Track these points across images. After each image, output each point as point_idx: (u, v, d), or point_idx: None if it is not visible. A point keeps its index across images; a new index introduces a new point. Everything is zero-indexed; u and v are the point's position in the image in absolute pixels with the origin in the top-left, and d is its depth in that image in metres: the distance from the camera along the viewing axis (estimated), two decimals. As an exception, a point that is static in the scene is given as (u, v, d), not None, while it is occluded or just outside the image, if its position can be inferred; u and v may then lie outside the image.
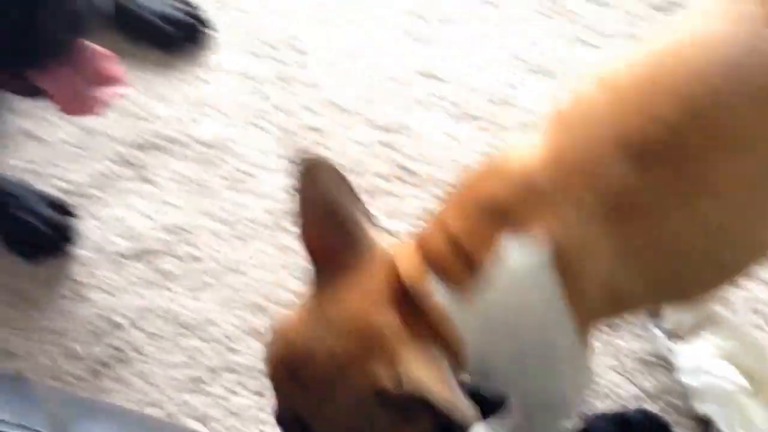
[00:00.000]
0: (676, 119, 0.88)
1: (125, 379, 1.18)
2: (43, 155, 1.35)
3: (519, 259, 0.87)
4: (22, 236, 1.25)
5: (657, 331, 1.19)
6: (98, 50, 1.20)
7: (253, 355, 1.19)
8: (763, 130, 0.89)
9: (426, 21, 1.50)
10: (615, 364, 1.18)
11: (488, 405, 1.03)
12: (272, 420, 0.92)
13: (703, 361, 1.16)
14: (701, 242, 0.90)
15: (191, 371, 1.19)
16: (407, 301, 0.88)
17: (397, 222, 1.28)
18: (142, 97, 1.39)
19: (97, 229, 1.28)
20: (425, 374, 0.84)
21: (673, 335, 1.19)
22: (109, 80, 1.18)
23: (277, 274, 1.25)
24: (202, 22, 1.45)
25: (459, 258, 0.88)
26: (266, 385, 0.92)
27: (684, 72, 0.90)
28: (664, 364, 1.18)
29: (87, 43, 1.18)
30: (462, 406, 0.83)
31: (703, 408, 1.13)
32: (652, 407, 1.14)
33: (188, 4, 1.46)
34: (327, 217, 0.90)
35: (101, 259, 1.26)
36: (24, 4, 1.10)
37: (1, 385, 0.85)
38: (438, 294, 0.88)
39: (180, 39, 1.44)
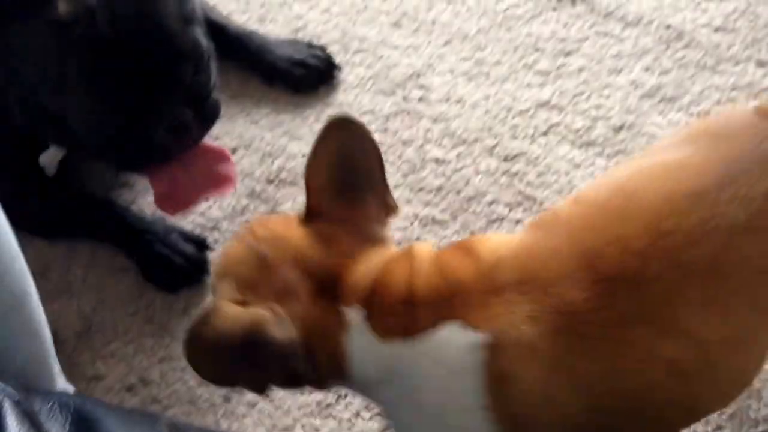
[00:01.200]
0: (640, 246, 0.85)
1: (256, 404, 1.23)
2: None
3: (455, 341, 0.85)
4: (160, 270, 1.32)
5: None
6: (212, 149, 1.24)
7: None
8: (733, 261, 0.85)
9: (544, 52, 1.52)
10: None
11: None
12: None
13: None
14: (665, 382, 0.85)
15: (320, 396, 1.22)
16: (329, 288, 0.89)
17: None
18: (273, 135, 1.45)
19: (230, 261, 1.34)
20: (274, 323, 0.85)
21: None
22: (218, 182, 1.23)
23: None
24: (331, 64, 1.51)
25: (405, 307, 0.87)
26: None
27: (653, 198, 0.87)
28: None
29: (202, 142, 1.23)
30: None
31: None
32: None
33: (317, 48, 1.52)
34: (342, 175, 0.92)
35: (234, 289, 1.31)
36: (131, 112, 1.16)
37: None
38: (354, 315, 0.88)
39: (310, 81, 1.50)
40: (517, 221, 1.33)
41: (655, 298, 0.84)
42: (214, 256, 1.32)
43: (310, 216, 0.95)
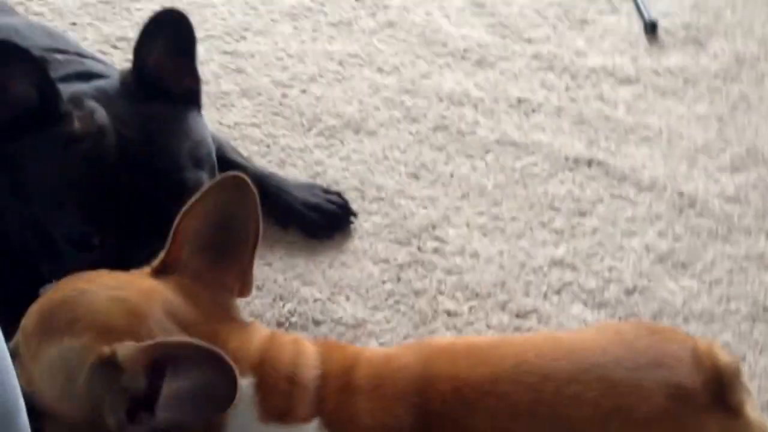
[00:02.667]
0: (466, 384, 0.92)
1: None
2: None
3: None
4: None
5: None
6: None
7: None
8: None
9: (559, 212, 1.54)
10: None
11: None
12: None
13: None
14: None
15: None
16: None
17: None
18: (286, 278, 1.45)
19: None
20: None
21: None
22: None
23: None
24: (347, 210, 1.52)
25: (290, 387, 0.88)
26: None
27: (519, 352, 0.96)
28: None
29: None
30: None
31: None
32: None
33: (334, 193, 1.53)
34: (214, 233, 0.91)
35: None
36: (112, 238, 1.14)
37: None
38: (244, 384, 0.86)
39: (325, 225, 1.51)
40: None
41: None
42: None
43: (165, 267, 0.92)
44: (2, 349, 0.85)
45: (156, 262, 0.93)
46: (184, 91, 1.23)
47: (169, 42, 1.19)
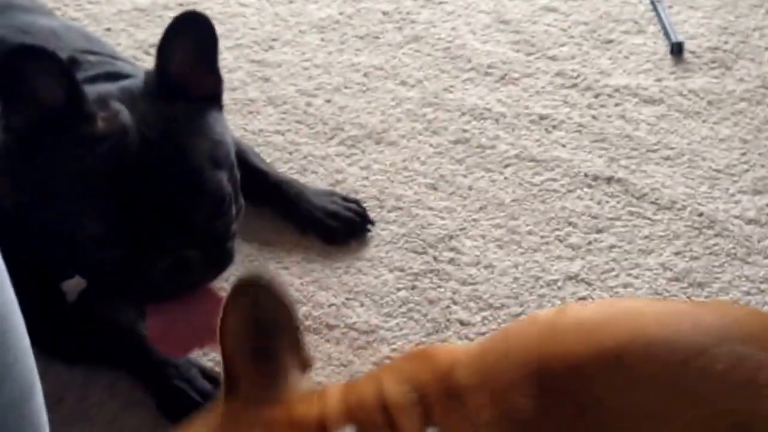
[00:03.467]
0: (583, 360, 0.90)
1: None
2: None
3: None
4: (176, 404, 1.30)
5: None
6: (215, 298, 1.22)
7: None
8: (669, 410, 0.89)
9: (576, 227, 1.54)
10: None
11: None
12: None
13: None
14: None
15: None
16: None
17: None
18: (302, 282, 1.46)
19: (245, 403, 1.33)
20: None
21: None
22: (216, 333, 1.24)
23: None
24: (365, 219, 1.53)
25: (392, 413, 0.88)
26: None
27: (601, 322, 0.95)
28: None
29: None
30: None
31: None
32: None
33: (352, 202, 1.55)
34: (253, 335, 0.90)
35: None
36: (136, 238, 1.16)
37: None
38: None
39: (342, 233, 1.52)
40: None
41: (593, 412, 0.87)
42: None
43: (230, 388, 0.92)
44: (20, 331, 0.87)
45: (222, 391, 0.94)
46: (206, 91, 1.25)
47: (191, 43, 1.22)
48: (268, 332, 0.91)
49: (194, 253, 1.19)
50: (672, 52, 1.85)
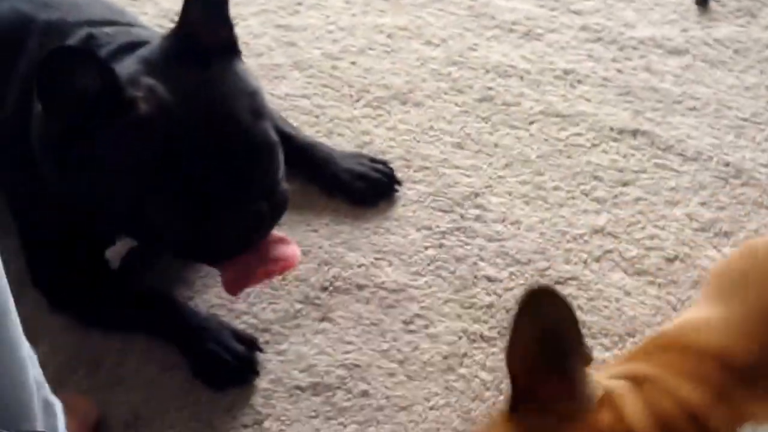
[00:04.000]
0: None
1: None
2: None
3: None
4: (210, 367, 1.34)
5: None
6: (275, 236, 1.28)
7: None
8: None
9: (602, 181, 1.55)
10: None
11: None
12: None
13: None
14: None
15: None
16: None
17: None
18: (331, 244, 1.48)
19: (279, 363, 1.36)
20: None
21: None
22: (283, 262, 1.27)
23: (441, 412, 1.29)
24: (392, 179, 1.55)
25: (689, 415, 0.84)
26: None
27: None
28: None
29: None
30: None
31: None
32: None
33: (380, 162, 1.57)
34: (542, 347, 0.86)
35: (280, 391, 1.33)
36: (211, 207, 1.20)
37: None
38: None
39: (370, 194, 1.54)
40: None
41: None
42: (263, 357, 1.35)
43: (518, 401, 0.88)
44: None
45: (507, 404, 0.90)
46: (223, 42, 1.27)
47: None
48: (559, 342, 0.87)
49: (263, 203, 1.24)
50: (697, 1, 1.84)
